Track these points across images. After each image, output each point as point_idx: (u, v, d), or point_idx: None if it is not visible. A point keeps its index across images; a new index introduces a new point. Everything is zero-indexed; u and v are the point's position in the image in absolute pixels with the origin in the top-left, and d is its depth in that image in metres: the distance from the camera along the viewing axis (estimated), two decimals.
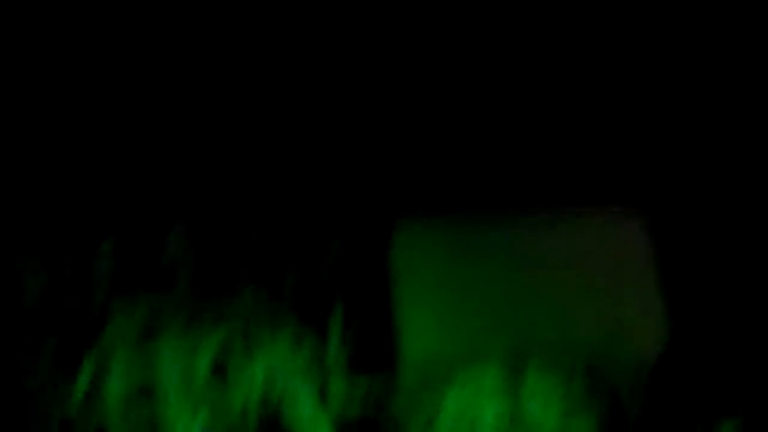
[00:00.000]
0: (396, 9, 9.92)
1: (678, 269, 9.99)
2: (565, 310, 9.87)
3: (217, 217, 9.62)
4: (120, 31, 9.56)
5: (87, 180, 9.48)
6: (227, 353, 9.51)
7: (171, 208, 9.50)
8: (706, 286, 9.73)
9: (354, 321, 9.72)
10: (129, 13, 9.58)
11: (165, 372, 9.37)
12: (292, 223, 9.77)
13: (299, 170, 9.55)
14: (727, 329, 8.40)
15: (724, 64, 9.93)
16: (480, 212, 10.12)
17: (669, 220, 10.11)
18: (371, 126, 9.55)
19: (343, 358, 9.64)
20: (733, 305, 9.48)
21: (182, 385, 9.24)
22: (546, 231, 10.22)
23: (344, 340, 9.70)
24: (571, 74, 10.08)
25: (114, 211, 9.39)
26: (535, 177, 9.82)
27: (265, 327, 9.60)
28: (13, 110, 9.42)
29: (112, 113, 9.72)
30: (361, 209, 9.76)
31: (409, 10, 9.95)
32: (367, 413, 9.34)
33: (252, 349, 9.54)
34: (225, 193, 9.55)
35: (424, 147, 9.80)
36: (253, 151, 9.73)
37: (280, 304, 9.68)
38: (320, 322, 9.70)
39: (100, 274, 9.45)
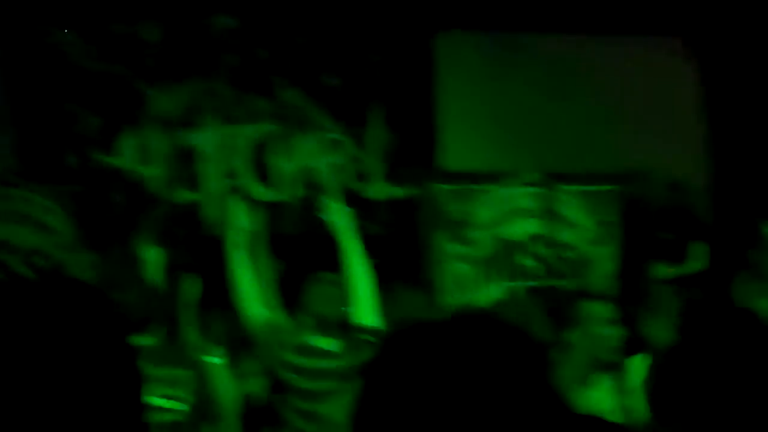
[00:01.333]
0: None
1: (723, 103, 9.98)
2: (604, 136, 9.91)
3: (264, 14, 9.49)
4: None
5: None
6: (263, 150, 9.52)
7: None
8: (749, 122, 9.74)
9: (394, 128, 9.71)
10: None
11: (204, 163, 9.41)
12: (333, 29, 9.66)
13: None
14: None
15: None
16: (525, 30, 10.05)
17: (716, 52, 10.05)
18: None
19: (380, 164, 9.67)
20: None
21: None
22: (591, 55, 10.17)
23: (382, 146, 9.71)
24: None
25: None
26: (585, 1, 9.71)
27: (302, 128, 9.59)
28: None
29: None
30: (403, 20, 9.65)
31: None
32: (401, 219, 9.41)
33: (290, 148, 9.55)
34: None
35: None
36: None
37: (318, 107, 9.65)
38: (359, 127, 9.67)
39: (142, 57, 9.38)
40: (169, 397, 5.06)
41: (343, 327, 5.40)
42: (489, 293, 8.68)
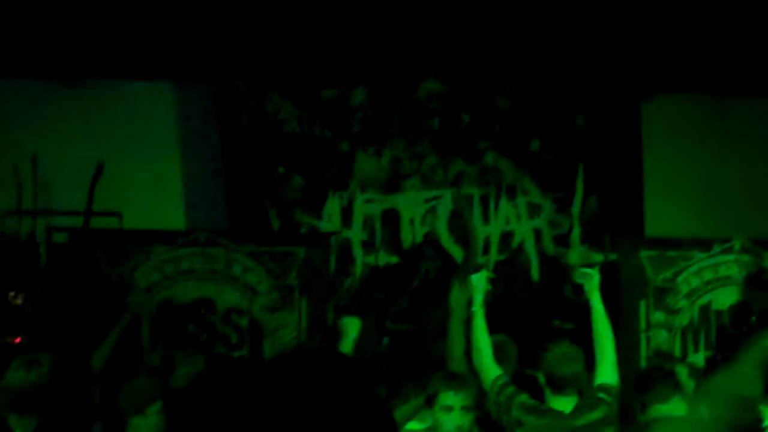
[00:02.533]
0: None
1: None
2: None
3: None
4: None
5: None
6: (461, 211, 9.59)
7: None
8: None
9: (598, 193, 9.63)
10: None
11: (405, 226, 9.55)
12: (538, 92, 9.67)
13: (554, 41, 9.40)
14: None
15: None
16: (732, 93, 9.85)
17: None
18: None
19: (582, 230, 9.61)
20: None
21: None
22: None
23: (585, 211, 9.64)
24: None
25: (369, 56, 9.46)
26: None
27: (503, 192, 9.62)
28: None
29: None
30: (610, 84, 9.59)
31: None
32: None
33: (489, 212, 9.58)
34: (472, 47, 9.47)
35: (674, 25, 9.54)
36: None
37: (521, 172, 9.66)
38: (562, 192, 9.62)
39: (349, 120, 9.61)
40: None
41: (576, 386, 5.49)
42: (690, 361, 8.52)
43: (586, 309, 8.48)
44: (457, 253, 9.49)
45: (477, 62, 9.53)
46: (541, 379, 5.50)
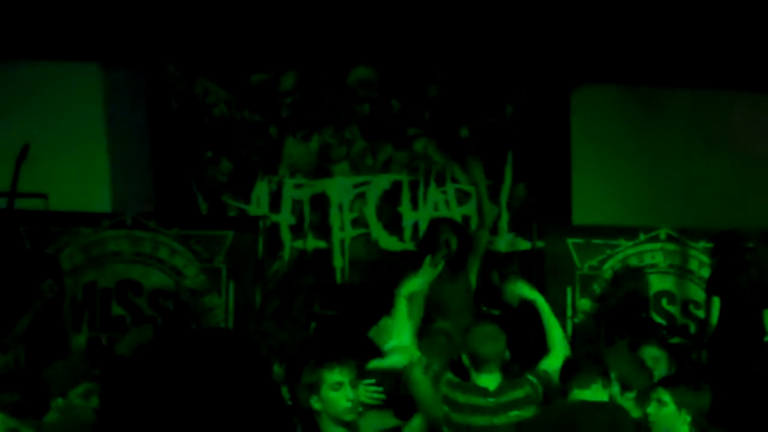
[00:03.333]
0: None
1: None
2: (739, 193, 9.73)
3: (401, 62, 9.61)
4: None
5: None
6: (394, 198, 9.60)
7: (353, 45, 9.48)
8: None
9: (525, 181, 9.69)
10: None
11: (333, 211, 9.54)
12: (467, 82, 9.70)
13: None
14: None
15: None
16: (661, 84, 9.95)
17: None
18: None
19: (510, 217, 9.67)
20: None
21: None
22: (725, 110, 10.01)
23: (513, 199, 9.70)
24: None
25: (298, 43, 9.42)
26: (720, 54, 9.56)
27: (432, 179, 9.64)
28: None
29: None
30: (539, 73, 9.64)
31: None
32: (528, 272, 9.36)
33: (418, 199, 9.60)
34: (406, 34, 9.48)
35: (603, 15, 9.60)
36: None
37: (450, 159, 9.68)
38: (490, 180, 9.66)
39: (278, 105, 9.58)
40: None
41: (499, 364, 5.58)
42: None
43: None
44: (384, 240, 9.53)
45: (408, 49, 9.54)
46: (465, 360, 5.56)
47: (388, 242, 9.55)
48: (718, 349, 8.01)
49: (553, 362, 5.65)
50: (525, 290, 6.03)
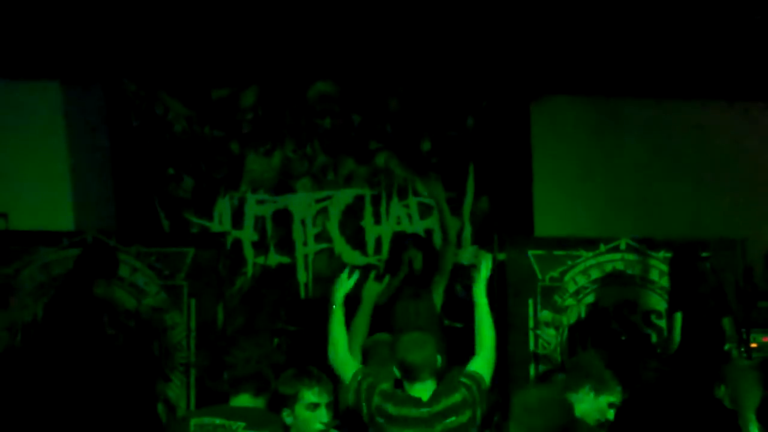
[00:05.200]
0: None
1: None
2: (699, 202, 9.79)
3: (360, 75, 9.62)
4: None
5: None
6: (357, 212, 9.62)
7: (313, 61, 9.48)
8: None
9: (487, 193, 9.72)
10: None
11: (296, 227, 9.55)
12: (428, 95, 9.72)
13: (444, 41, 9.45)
14: None
15: None
16: (621, 95, 10.00)
17: None
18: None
19: (472, 229, 9.69)
20: None
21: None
22: (687, 120, 10.07)
23: (475, 211, 9.73)
24: None
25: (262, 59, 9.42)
26: (679, 64, 9.62)
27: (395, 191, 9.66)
28: None
29: None
30: (500, 85, 9.67)
31: None
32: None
33: (381, 213, 9.62)
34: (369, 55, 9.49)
35: (562, 27, 9.64)
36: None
37: (412, 172, 9.70)
38: (452, 192, 9.68)
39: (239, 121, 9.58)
40: None
41: (430, 371, 5.48)
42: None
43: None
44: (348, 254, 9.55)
45: (368, 63, 9.55)
46: (396, 372, 5.49)
47: (352, 256, 9.55)
48: (683, 361, 8.05)
49: (481, 364, 5.54)
50: (480, 292, 5.88)
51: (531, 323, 8.95)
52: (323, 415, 5.07)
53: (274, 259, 9.49)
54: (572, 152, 10.00)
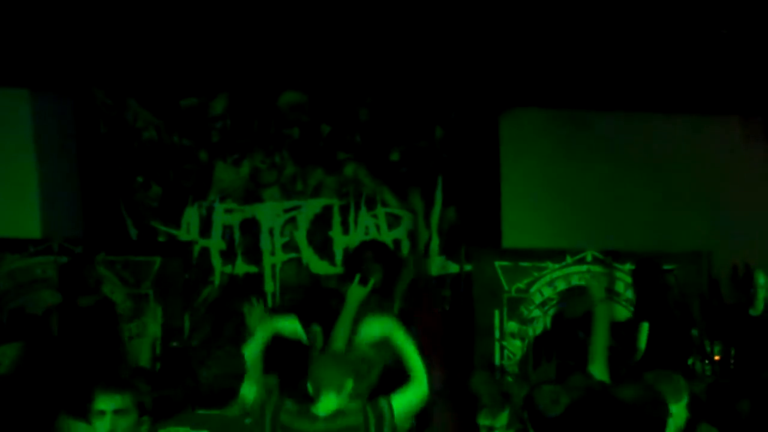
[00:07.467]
0: None
1: None
2: (666, 215, 9.84)
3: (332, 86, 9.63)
4: None
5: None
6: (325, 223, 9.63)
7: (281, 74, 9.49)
8: None
9: (455, 204, 9.74)
10: None
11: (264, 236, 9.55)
12: (397, 105, 9.74)
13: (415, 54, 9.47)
14: None
15: None
16: (588, 108, 10.05)
17: None
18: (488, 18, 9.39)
19: (440, 240, 9.70)
20: None
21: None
22: (654, 133, 10.12)
23: (442, 222, 9.75)
24: None
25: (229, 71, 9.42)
26: (646, 78, 9.67)
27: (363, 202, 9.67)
28: None
29: None
30: (468, 97, 9.70)
31: None
32: (458, 295, 9.41)
33: (349, 223, 9.63)
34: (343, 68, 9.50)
35: (532, 40, 9.68)
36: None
37: (380, 183, 9.71)
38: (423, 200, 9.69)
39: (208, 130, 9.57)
40: None
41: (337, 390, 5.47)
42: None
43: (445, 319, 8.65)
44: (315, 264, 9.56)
45: (337, 73, 9.57)
46: (309, 388, 5.53)
47: (319, 266, 9.56)
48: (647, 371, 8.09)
49: (409, 396, 5.52)
50: (375, 330, 5.74)
51: (497, 334, 9.00)
52: (107, 424, 5.04)
53: (242, 268, 9.49)
54: (540, 164, 10.03)
